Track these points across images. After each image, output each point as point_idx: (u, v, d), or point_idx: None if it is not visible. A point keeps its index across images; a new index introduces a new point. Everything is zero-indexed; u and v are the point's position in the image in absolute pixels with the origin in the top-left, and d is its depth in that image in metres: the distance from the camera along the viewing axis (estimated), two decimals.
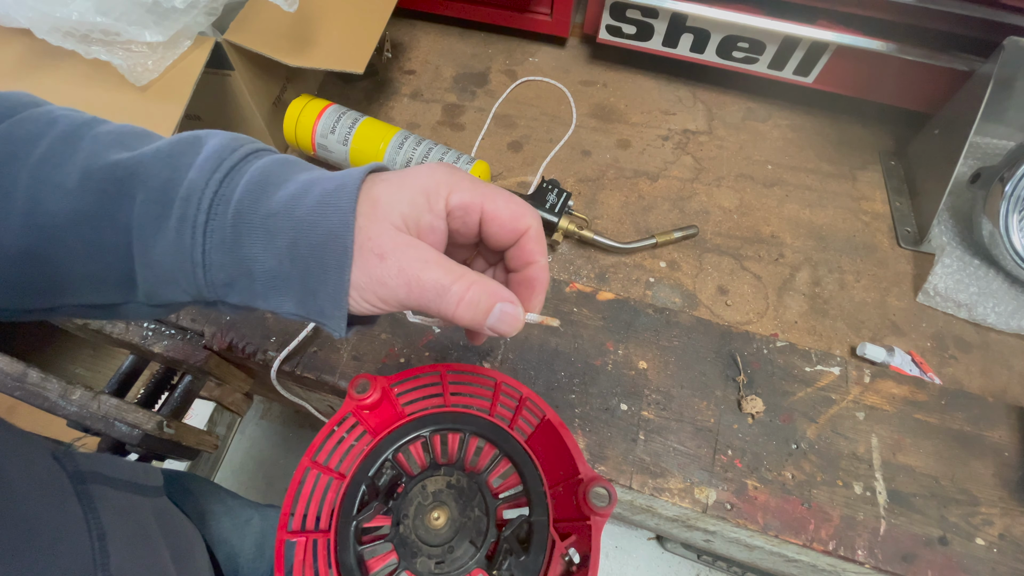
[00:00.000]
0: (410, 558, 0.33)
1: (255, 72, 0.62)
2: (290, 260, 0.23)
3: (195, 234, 0.23)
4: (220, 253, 0.23)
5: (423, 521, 0.34)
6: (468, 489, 0.35)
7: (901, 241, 0.65)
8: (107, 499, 0.31)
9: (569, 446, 0.35)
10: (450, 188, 0.25)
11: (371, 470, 0.36)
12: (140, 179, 0.23)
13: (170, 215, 0.23)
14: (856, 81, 0.70)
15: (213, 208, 0.23)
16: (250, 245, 0.23)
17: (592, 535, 0.31)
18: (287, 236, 0.22)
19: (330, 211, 0.22)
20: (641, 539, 1.23)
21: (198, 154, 0.24)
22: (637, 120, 0.77)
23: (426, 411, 0.39)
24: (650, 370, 0.52)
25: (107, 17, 0.48)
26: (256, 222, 0.23)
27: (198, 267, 0.23)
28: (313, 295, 0.23)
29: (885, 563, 0.44)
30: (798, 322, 0.59)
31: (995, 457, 0.49)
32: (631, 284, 0.61)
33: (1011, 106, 0.64)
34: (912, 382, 0.52)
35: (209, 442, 0.65)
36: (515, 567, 0.32)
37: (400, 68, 0.82)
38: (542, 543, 0.33)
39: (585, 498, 0.32)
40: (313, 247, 0.22)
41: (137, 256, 0.23)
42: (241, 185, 0.23)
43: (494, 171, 0.71)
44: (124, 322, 0.55)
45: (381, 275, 0.22)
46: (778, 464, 0.48)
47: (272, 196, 0.23)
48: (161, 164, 0.23)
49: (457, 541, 0.33)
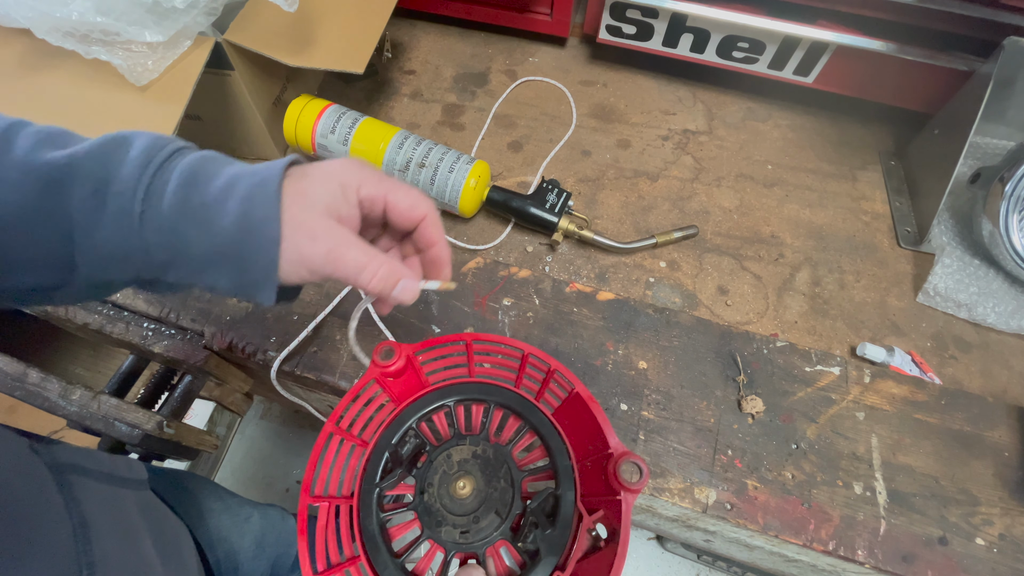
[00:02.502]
0: (434, 527, 0.33)
1: (255, 72, 0.62)
2: (226, 243, 0.27)
3: (131, 223, 0.26)
4: (158, 236, 0.26)
5: (448, 490, 0.34)
6: (494, 460, 0.35)
7: (901, 241, 0.65)
8: (88, 489, 0.31)
9: (600, 420, 0.34)
10: (359, 182, 0.30)
11: (394, 438, 0.36)
12: (76, 176, 0.26)
13: (105, 207, 0.26)
14: (856, 81, 0.70)
15: (147, 200, 0.26)
16: (186, 231, 0.26)
17: (623, 510, 0.30)
18: (222, 223, 0.26)
19: (258, 201, 0.26)
20: (641, 539, 1.23)
21: (128, 152, 0.27)
22: (637, 120, 0.77)
23: (450, 381, 0.38)
24: (650, 370, 0.52)
25: (107, 17, 0.48)
26: (190, 212, 0.26)
27: (138, 251, 0.26)
28: (246, 271, 0.27)
29: (885, 563, 0.44)
30: (798, 322, 0.59)
31: (995, 457, 0.49)
32: (631, 284, 0.61)
33: (1011, 106, 0.64)
34: (912, 382, 0.52)
35: (209, 442, 0.65)
36: (540, 540, 0.32)
37: (400, 68, 0.82)
38: (568, 517, 0.32)
39: (616, 473, 0.31)
40: (246, 231, 0.26)
41: (78, 243, 0.26)
42: (173, 179, 0.26)
43: (494, 171, 0.71)
44: (124, 322, 0.55)
45: (311, 252, 0.27)
46: (778, 464, 0.48)
47: (204, 188, 0.27)
48: (94, 162, 0.26)
49: (483, 512, 0.33)
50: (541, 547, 0.32)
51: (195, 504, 0.53)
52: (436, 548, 0.33)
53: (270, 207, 0.26)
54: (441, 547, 0.33)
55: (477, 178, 0.60)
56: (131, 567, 0.33)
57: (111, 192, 0.26)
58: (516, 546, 0.33)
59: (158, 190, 0.26)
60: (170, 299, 0.56)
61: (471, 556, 0.33)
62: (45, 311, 0.57)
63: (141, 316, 0.56)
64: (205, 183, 0.27)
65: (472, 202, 0.61)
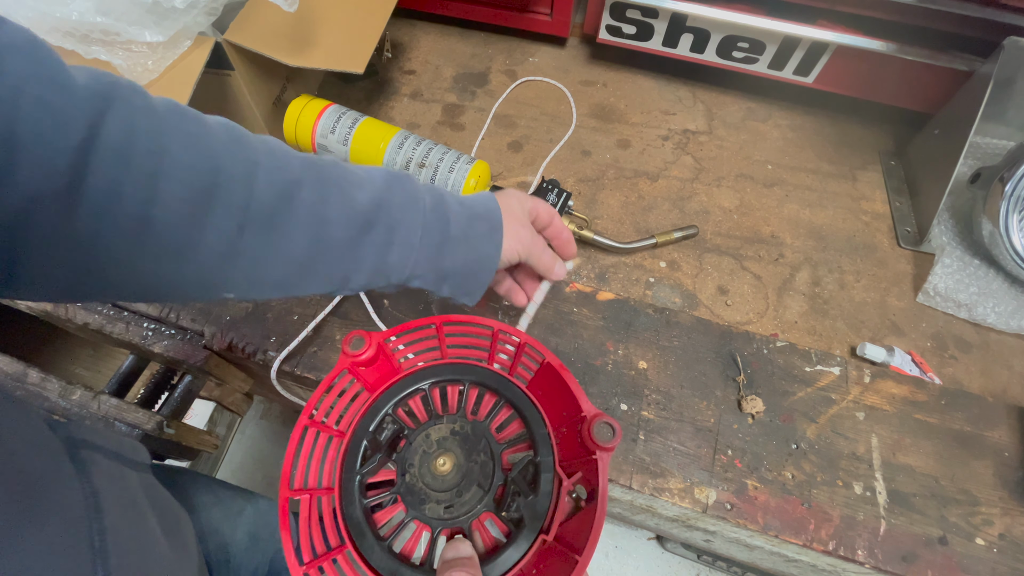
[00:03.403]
0: (418, 506, 0.33)
1: (255, 72, 0.62)
2: (466, 269, 0.39)
3: (410, 253, 0.36)
4: (423, 267, 0.37)
5: (429, 468, 0.34)
6: (472, 435, 0.35)
7: (901, 241, 0.65)
8: (98, 464, 0.33)
9: (571, 387, 0.35)
10: (532, 203, 0.44)
11: (371, 425, 0.36)
12: (379, 221, 0.35)
13: (394, 239, 0.36)
14: (856, 81, 0.70)
15: (423, 238, 0.37)
16: (442, 259, 0.38)
17: (599, 469, 0.31)
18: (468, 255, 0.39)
19: (487, 227, 0.39)
20: (641, 539, 1.23)
21: (406, 198, 0.36)
22: (637, 120, 0.77)
23: (423, 364, 0.39)
24: (650, 370, 0.52)
25: (107, 17, 0.48)
26: (445, 245, 0.37)
27: (409, 266, 0.37)
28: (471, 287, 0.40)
29: (885, 563, 0.44)
30: (798, 322, 0.59)
31: (995, 457, 0.49)
32: (631, 284, 0.61)
33: (1011, 106, 0.64)
34: (912, 382, 0.52)
35: (209, 442, 0.65)
36: (523, 507, 0.32)
37: (400, 68, 0.82)
38: (548, 482, 0.33)
39: (590, 434, 0.32)
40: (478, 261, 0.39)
41: (368, 263, 0.35)
42: (431, 222, 0.37)
43: (494, 171, 0.71)
44: (124, 322, 0.55)
45: (523, 236, 0.41)
46: (778, 464, 0.48)
47: (448, 234, 0.37)
48: (389, 206, 0.35)
49: (464, 485, 0.34)
50: (524, 514, 0.32)
51: (186, 498, 0.53)
52: (422, 528, 0.33)
53: (498, 231, 0.39)
54: (427, 526, 0.33)
55: (477, 178, 0.60)
56: (138, 539, 0.33)
57: (400, 233, 0.36)
58: (500, 516, 0.33)
59: (429, 229, 0.36)
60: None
61: (457, 531, 0.33)
62: (45, 311, 0.57)
63: (141, 316, 0.56)
64: (456, 222, 0.38)
65: None
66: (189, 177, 0.28)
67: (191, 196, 0.28)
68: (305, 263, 0.33)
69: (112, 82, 0.27)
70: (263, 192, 0.30)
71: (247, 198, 0.30)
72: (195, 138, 0.29)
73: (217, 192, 0.29)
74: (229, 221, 0.29)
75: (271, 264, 0.32)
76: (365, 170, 0.37)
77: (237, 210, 0.30)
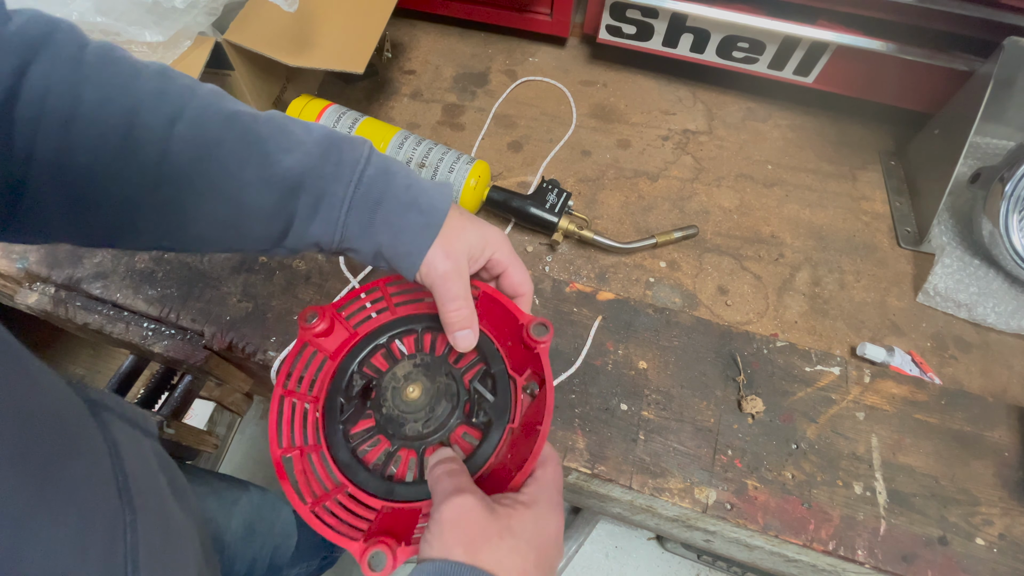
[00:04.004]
0: (400, 431, 0.37)
1: (255, 72, 0.62)
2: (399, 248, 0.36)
3: (335, 227, 0.35)
4: (352, 242, 0.36)
5: (401, 398, 0.38)
6: (433, 364, 0.39)
7: (901, 241, 0.65)
8: (115, 424, 0.35)
9: (508, 307, 0.40)
10: (497, 247, 0.39)
11: (342, 384, 0.40)
12: (304, 187, 0.34)
13: (318, 213, 0.35)
14: (856, 81, 0.70)
15: (349, 212, 0.35)
16: (369, 238, 0.36)
17: (542, 360, 0.37)
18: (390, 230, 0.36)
19: (422, 221, 0.36)
20: (641, 539, 1.23)
21: (337, 168, 0.35)
22: (637, 120, 0.77)
23: (377, 324, 0.43)
24: (650, 370, 0.52)
25: (107, 17, 0.48)
26: (379, 223, 0.36)
27: (332, 241, 0.36)
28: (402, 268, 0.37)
29: (885, 563, 0.44)
30: (798, 322, 0.59)
31: (995, 457, 0.49)
32: (631, 284, 0.61)
33: (1011, 106, 0.64)
34: (912, 382, 0.52)
35: (209, 442, 0.65)
36: (490, 410, 0.38)
37: (400, 68, 0.82)
38: (505, 385, 0.39)
39: (529, 335, 0.37)
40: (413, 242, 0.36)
41: (293, 230, 0.35)
42: (366, 199, 0.35)
43: (494, 171, 0.71)
44: (124, 322, 0.55)
45: (439, 265, 0.36)
46: (778, 464, 0.48)
47: (390, 206, 0.36)
48: (316, 178, 0.34)
49: (435, 403, 0.38)
50: (492, 414, 0.38)
51: None
52: (408, 453, 0.37)
53: (433, 231, 0.36)
54: (412, 450, 0.37)
55: (477, 178, 0.60)
56: (155, 491, 0.35)
57: (324, 204, 0.34)
58: (471, 423, 0.38)
59: (356, 206, 0.35)
60: (170, 299, 0.56)
61: (438, 447, 0.37)
62: (45, 311, 0.57)
63: (141, 316, 0.56)
64: (391, 202, 0.36)
65: (472, 202, 0.61)
66: (102, 130, 0.29)
67: (104, 146, 0.29)
68: (225, 222, 0.34)
69: (46, 31, 0.29)
70: (179, 149, 0.31)
71: (162, 153, 0.30)
72: (116, 88, 0.29)
73: (130, 145, 0.29)
74: (143, 174, 0.30)
75: (190, 220, 0.33)
76: (305, 130, 0.35)
77: (151, 165, 0.30)
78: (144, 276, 0.57)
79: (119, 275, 0.57)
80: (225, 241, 0.35)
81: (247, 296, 0.56)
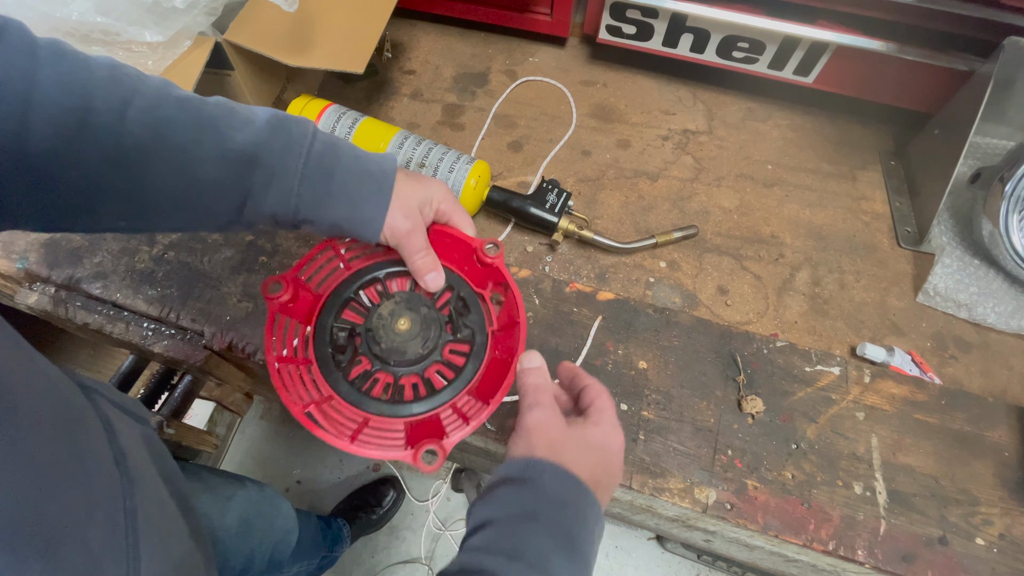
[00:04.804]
0: (401, 358, 0.41)
1: (255, 72, 0.62)
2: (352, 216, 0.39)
3: (290, 199, 0.37)
4: (306, 210, 0.38)
5: (395, 332, 0.41)
6: (411, 299, 0.43)
7: (901, 241, 0.65)
8: (107, 407, 0.36)
9: (458, 236, 0.44)
10: (442, 198, 0.43)
11: (327, 339, 0.42)
12: (258, 162, 0.36)
13: (271, 187, 0.36)
14: (856, 81, 0.70)
15: (302, 185, 0.37)
16: (324, 210, 0.38)
17: (500, 270, 0.43)
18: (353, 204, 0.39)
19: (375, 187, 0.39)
20: (641, 539, 1.23)
21: (287, 144, 0.36)
22: (637, 120, 0.77)
23: (337, 282, 0.45)
24: (650, 370, 0.52)
25: (107, 17, 0.48)
26: (331, 194, 0.38)
27: (288, 214, 0.38)
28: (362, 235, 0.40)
29: (885, 563, 0.44)
30: (798, 322, 0.59)
31: (995, 457, 0.49)
32: (631, 284, 0.61)
33: (1011, 106, 0.64)
34: (912, 382, 0.52)
35: (209, 442, 0.65)
36: (469, 323, 0.44)
37: (400, 68, 0.82)
38: (475, 300, 0.45)
39: (483, 255, 0.43)
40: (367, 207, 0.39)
41: (248, 204, 0.37)
42: (317, 171, 0.37)
43: (494, 171, 0.71)
44: (124, 322, 0.55)
45: (400, 225, 0.40)
46: (778, 464, 0.48)
47: (342, 178, 0.38)
48: (269, 153, 0.36)
49: (426, 328, 0.42)
50: (473, 326, 0.43)
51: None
52: (412, 378, 0.42)
53: (386, 195, 0.39)
54: (415, 375, 0.42)
55: (477, 178, 0.60)
56: (147, 472, 0.36)
57: (278, 177, 0.36)
58: (457, 339, 0.44)
59: (309, 178, 0.37)
60: (170, 299, 0.56)
61: (437, 367, 0.43)
62: (45, 311, 0.57)
63: (141, 316, 0.56)
64: (342, 175, 0.38)
65: (472, 202, 0.61)
66: (57, 113, 0.30)
67: (61, 130, 0.30)
68: (182, 199, 0.35)
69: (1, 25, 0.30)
70: (133, 129, 0.32)
71: (117, 134, 0.32)
72: (69, 75, 0.30)
73: (86, 128, 0.31)
74: (98, 155, 0.31)
75: (148, 199, 0.34)
76: (251, 111, 0.37)
77: (107, 146, 0.31)
78: (144, 276, 0.57)
79: (119, 275, 0.57)
80: (183, 219, 0.37)
81: (247, 296, 0.56)
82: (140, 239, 0.59)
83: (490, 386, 0.40)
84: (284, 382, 0.39)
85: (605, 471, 0.35)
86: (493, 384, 0.40)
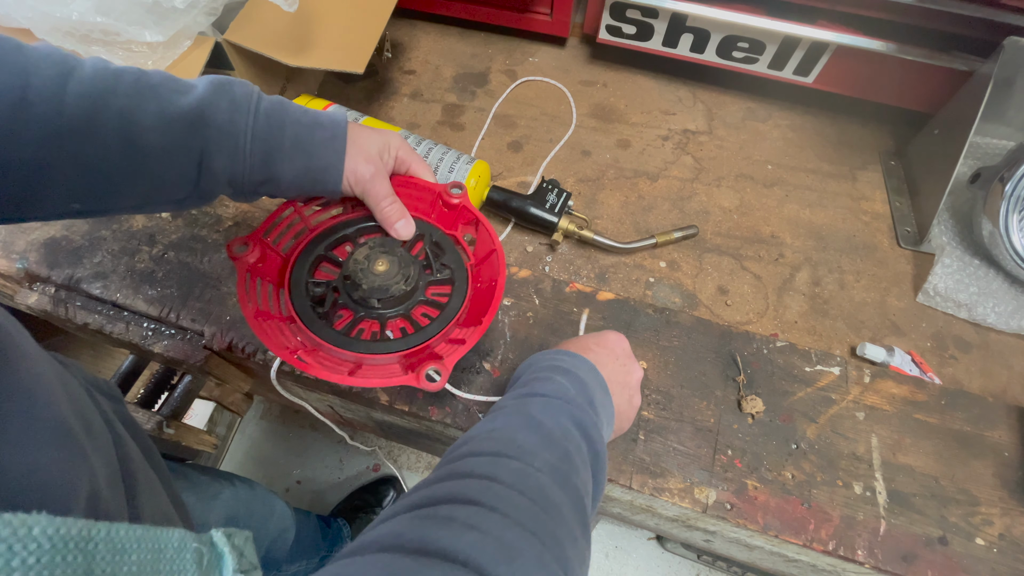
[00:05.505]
0: (385, 295, 0.41)
1: (255, 72, 0.62)
2: (310, 167, 0.39)
3: (243, 155, 0.37)
4: (260, 173, 0.38)
5: (374, 273, 0.42)
6: (385, 243, 0.44)
7: (901, 241, 0.65)
8: (83, 382, 0.35)
9: (420, 183, 0.45)
10: (399, 145, 0.44)
11: (305, 296, 0.43)
12: (206, 121, 0.36)
13: (223, 144, 0.36)
14: (856, 81, 0.70)
15: (254, 141, 0.37)
16: (278, 167, 0.38)
17: (467, 208, 0.45)
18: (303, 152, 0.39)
19: (329, 135, 0.39)
20: (641, 539, 1.23)
21: (233, 102, 0.37)
22: (637, 120, 0.77)
23: (306, 242, 0.46)
24: (650, 370, 0.52)
25: (107, 17, 0.48)
26: (285, 151, 0.38)
27: (246, 172, 0.37)
28: (322, 183, 0.40)
29: (885, 563, 0.44)
30: (798, 322, 0.59)
31: (995, 457, 0.49)
32: (631, 284, 0.61)
33: (1011, 106, 0.64)
34: (912, 382, 0.52)
35: (209, 442, 0.65)
36: (448, 262, 0.45)
37: (400, 68, 0.82)
38: (448, 243, 0.46)
39: (448, 198, 0.45)
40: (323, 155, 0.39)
41: (203, 167, 0.36)
42: (266, 126, 0.37)
43: (494, 171, 0.71)
44: (124, 322, 0.55)
45: (363, 171, 0.40)
46: (778, 464, 0.48)
47: (282, 141, 0.38)
48: (216, 110, 0.36)
49: (404, 267, 0.42)
50: (451, 265, 0.45)
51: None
52: (400, 322, 0.43)
53: (340, 141, 0.39)
54: (403, 319, 0.43)
55: (477, 178, 0.60)
56: (130, 445, 0.36)
57: (228, 136, 0.36)
58: (438, 280, 0.45)
59: (259, 134, 0.37)
60: (170, 299, 0.56)
61: (423, 309, 0.44)
62: (45, 311, 0.57)
63: (141, 316, 0.56)
64: (293, 126, 0.38)
65: (472, 202, 0.61)
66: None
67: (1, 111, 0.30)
68: (133, 172, 0.35)
69: None
70: (74, 103, 0.32)
71: (57, 109, 0.31)
72: (4, 54, 0.31)
73: (25, 104, 0.31)
74: (40, 132, 0.31)
75: (98, 175, 0.34)
76: (193, 80, 0.37)
77: (48, 121, 0.31)
78: (144, 276, 0.57)
79: (119, 275, 0.57)
80: (137, 194, 0.36)
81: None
82: (140, 239, 0.59)
83: (478, 314, 0.41)
84: (267, 332, 0.38)
85: (624, 386, 0.41)
86: (480, 312, 0.41)
